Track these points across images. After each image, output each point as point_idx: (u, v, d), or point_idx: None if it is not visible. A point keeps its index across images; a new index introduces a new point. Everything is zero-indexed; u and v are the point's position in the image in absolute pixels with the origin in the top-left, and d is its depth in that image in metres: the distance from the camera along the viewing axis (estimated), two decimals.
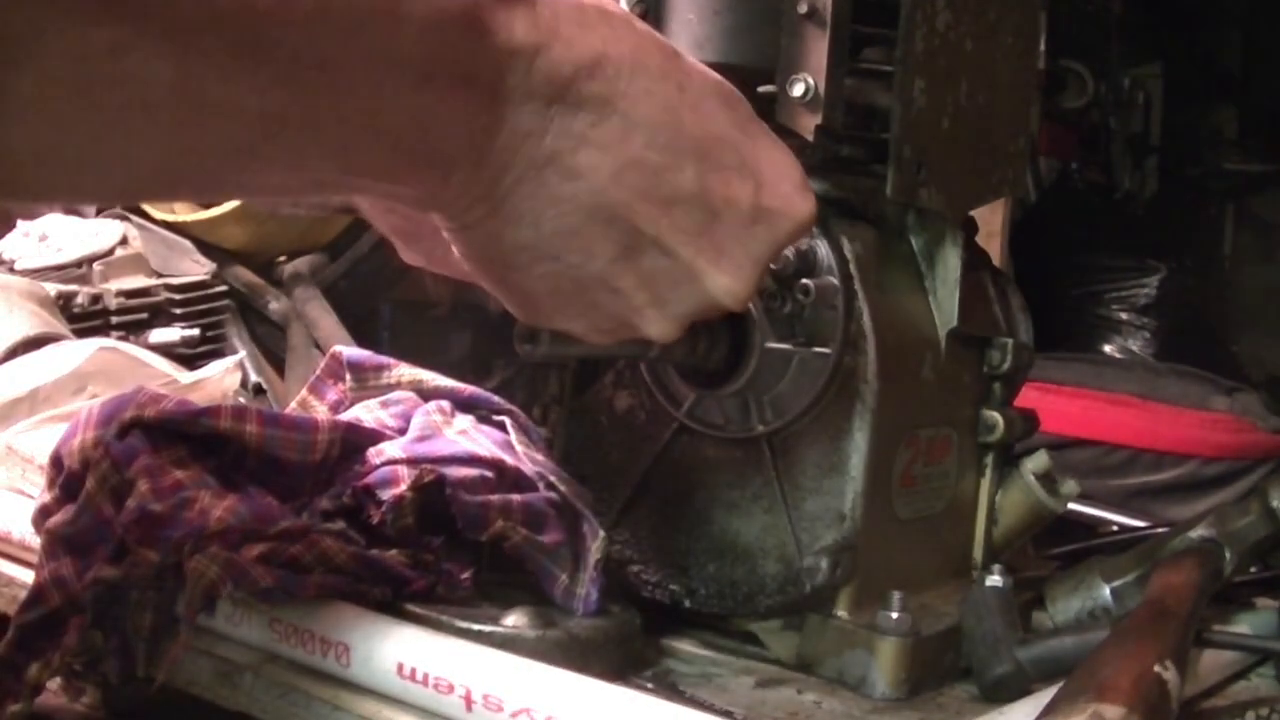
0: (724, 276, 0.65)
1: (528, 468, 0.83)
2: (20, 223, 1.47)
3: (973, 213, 0.88)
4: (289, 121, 0.50)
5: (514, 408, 0.89)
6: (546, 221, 0.60)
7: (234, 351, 1.45)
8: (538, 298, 0.64)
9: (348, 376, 0.92)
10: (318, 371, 0.94)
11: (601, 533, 0.78)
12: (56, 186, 0.50)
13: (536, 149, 0.58)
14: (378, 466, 0.79)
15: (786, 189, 0.66)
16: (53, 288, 1.35)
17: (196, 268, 1.49)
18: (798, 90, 0.77)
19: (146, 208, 1.55)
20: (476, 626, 0.73)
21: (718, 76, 0.65)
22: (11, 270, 1.40)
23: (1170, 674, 0.64)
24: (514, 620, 0.74)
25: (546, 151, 0.58)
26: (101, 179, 0.50)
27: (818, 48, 0.77)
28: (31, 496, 0.89)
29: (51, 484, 0.79)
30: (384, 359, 0.93)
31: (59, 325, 1.28)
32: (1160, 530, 1.03)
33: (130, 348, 1.22)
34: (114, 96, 0.46)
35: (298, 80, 0.50)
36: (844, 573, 0.78)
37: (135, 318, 1.40)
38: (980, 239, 0.91)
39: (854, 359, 0.79)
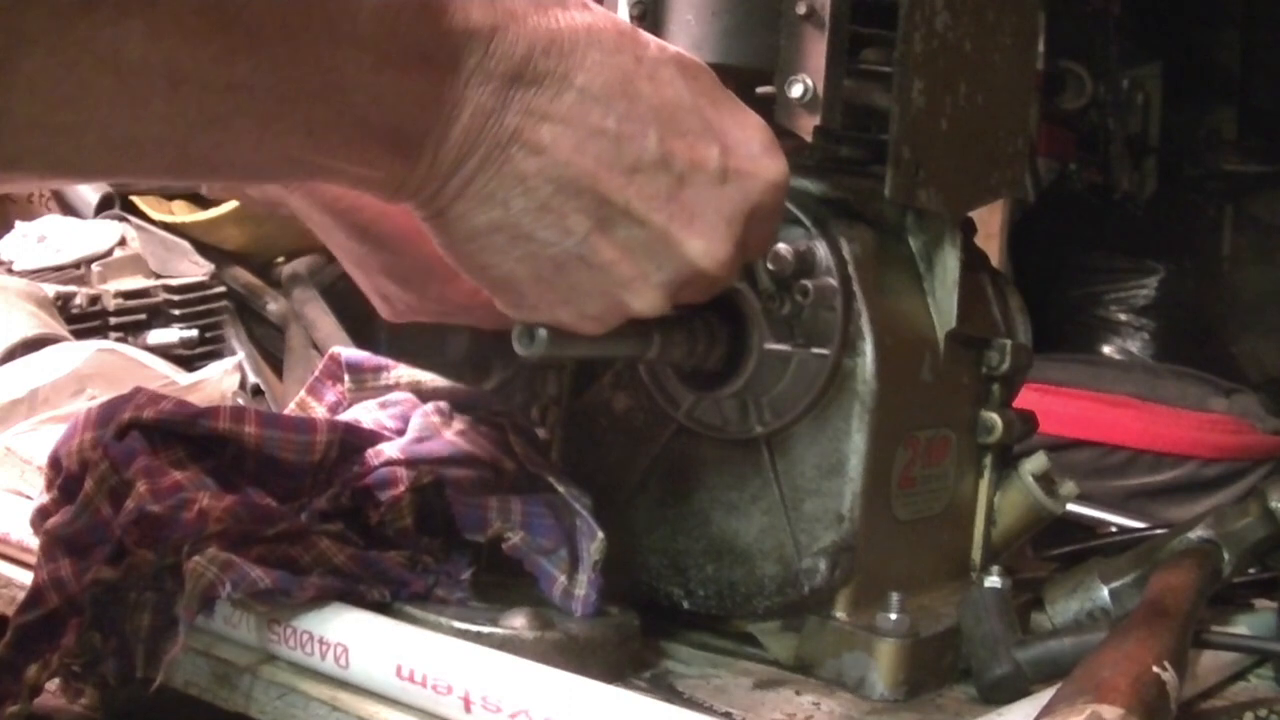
0: (699, 239, 0.65)
1: (526, 469, 0.83)
2: (18, 223, 1.47)
3: (971, 214, 0.87)
4: (255, 93, 0.52)
5: (512, 409, 0.89)
6: (515, 199, 0.61)
7: (232, 352, 1.45)
8: (520, 285, 0.64)
9: (346, 377, 0.92)
10: (316, 372, 0.94)
11: (600, 534, 0.77)
12: (34, 156, 0.51)
13: (498, 127, 0.59)
14: (376, 467, 0.79)
15: (754, 150, 0.67)
16: (51, 289, 1.35)
17: (195, 269, 1.49)
18: (796, 91, 0.77)
19: (145, 208, 1.55)
20: (475, 628, 0.73)
21: (678, 49, 0.66)
22: (10, 271, 1.40)
23: (1169, 675, 0.64)
24: (512, 621, 0.74)
25: (508, 129, 0.59)
26: (77, 147, 0.51)
27: (816, 49, 0.77)
28: (30, 498, 0.89)
29: (50, 485, 0.79)
30: (382, 360, 0.93)
31: (57, 326, 1.28)
32: (1159, 531, 1.03)
33: (129, 349, 1.22)
34: (86, 55, 0.47)
35: (261, 50, 0.51)
36: (842, 574, 0.78)
37: (134, 319, 1.40)
38: (979, 240, 0.91)
39: (852, 360, 0.78)
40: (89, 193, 1.55)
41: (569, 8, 0.61)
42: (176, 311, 1.43)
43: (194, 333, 1.43)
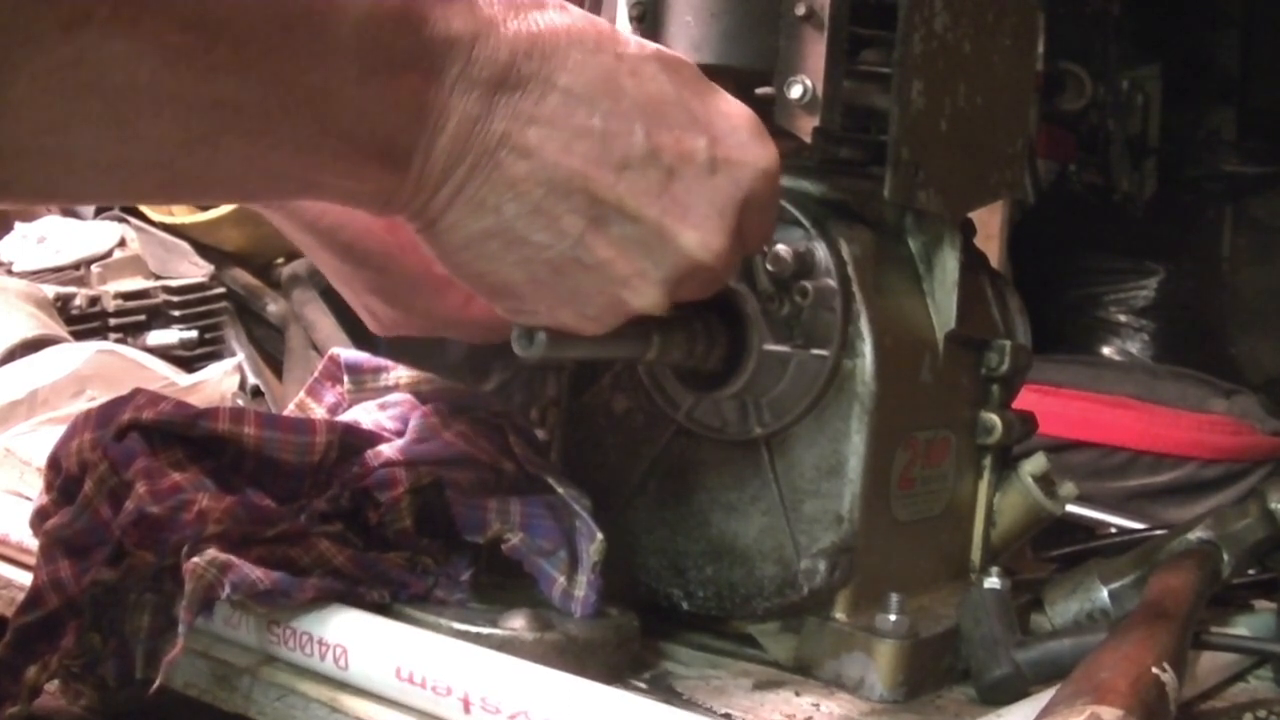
0: (693, 231, 0.65)
1: (526, 470, 0.82)
2: (18, 225, 1.47)
3: (971, 215, 0.88)
4: (242, 109, 0.52)
5: (511, 410, 0.89)
6: (507, 204, 0.61)
7: (232, 353, 1.45)
8: (518, 289, 0.64)
9: (345, 378, 0.92)
10: (315, 373, 0.94)
11: (599, 535, 0.77)
12: (24, 181, 0.51)
13: (486, 134, 0.59)
14: (376, 468, 0.79)
15: (743, 139, 0.67)
16: (51, 289, 1.35)
17: (194, 270, 1.49)
18: (796, 92, 0.77)
19: (145, 209, 1.55)
20: (474, 629, 0.73)
21: (659, 45, 0.66)
22: (9, 272, 1.40)
23: (1168, 676, 0.64)
24: (512, 623, 0.74)
25: (496, 134, 0.60)
26: (66, 171, 0.51)
27: (815, 50, 0.77)
28: (30, 499, 0.89)
29: (49, 486, 0.79)
30: (382, 361, 0.93)
31: (57, 327, 1.28)
32: (1159, 532, 1.03)
33: (128, 350, 1.22)
34: (71, 80, 0.47)
35: (246, 67, 0.51)
36: (842, 575, 0.78)
37: (133, 320, 1.40)
38: (978, 241, 0.91)
39: (852, 361, 0.79)
40: None
41: (547, 10, 0.62)
42: (176, 312, 1.43)
43: (194, 334, 1.43)
